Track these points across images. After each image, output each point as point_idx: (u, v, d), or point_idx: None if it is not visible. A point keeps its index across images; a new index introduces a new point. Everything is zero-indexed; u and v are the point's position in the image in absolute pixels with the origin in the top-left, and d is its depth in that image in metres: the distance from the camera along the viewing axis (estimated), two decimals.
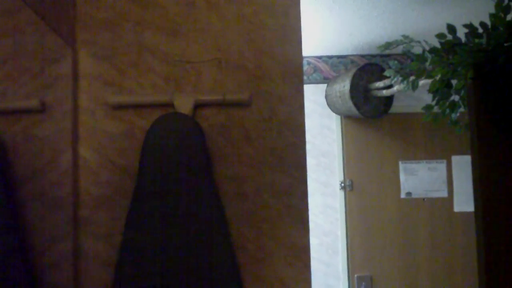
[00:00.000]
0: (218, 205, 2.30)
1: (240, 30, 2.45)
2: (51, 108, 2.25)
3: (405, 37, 3.41)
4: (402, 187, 4.75)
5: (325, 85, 4.70)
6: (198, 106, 2.39)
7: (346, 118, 4.69)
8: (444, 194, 4.77)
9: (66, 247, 2.27)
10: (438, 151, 4.78)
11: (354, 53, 4.82)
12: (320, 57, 4.82)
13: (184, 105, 2.35)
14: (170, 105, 2.37)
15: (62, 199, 2.27)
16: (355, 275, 4.59)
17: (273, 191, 2.39)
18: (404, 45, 3.40)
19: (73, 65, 2.39)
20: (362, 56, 4.85)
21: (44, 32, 2.14)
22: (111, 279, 2.31)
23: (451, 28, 2.80)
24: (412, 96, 4.70)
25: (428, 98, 3.69)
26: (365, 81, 4.36)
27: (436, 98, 3.19)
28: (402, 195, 4.75)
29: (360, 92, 4.34)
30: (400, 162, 4.75)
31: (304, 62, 4.80)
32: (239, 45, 2.44)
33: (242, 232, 2.38)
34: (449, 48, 2.83)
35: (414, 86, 3.52)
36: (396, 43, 3.42)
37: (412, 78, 3.51)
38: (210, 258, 2.27)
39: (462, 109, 3.21)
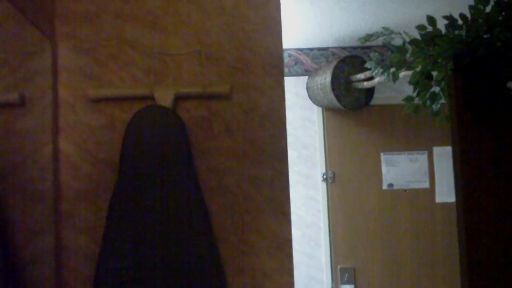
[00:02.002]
0: (199, 197, 2.30)
1: (220, 22, 2.44)
2: (31, 101, 2.24)
3: (386, 29, 3.42)
4: (384, 178, 4.77)
5: (307, 77, 4.70)
6: (178, 98, 2.38)
7: (328, 110, 4.70)
8: (426, 185, 4.79)
9: (47, 241, 2.27)
10: (420, 142, 4.79)
11: (335, 45, 4.82)
12: (301, 50, 4.82)
13: (164, 97, 2.34)
14: (151, 97, 2.36)
15: (42, 193, 2.26)
16: (338, 267, 4.60)
17: (254, 183, 2.39)
18: (385, 37, 3.41)
19: (53, 59, 2.37)
20: (343, 48, 4.85)
21: (22, 25, 2.13)
22: (93, 272, 2.31)
23: (431, 20, 2.81)
24: (393, 88, 4.71)
25: (408, 90, 3.71)
26: (346, 73, 4.37)
27: (417, 90, 3.20)
28: (384, 187, 4.77)
29: (341, 84, 4.34)
30: (381, 154, 4.76)
31: (285, 54, 4.80)
32: (219, 37, 2.44)
33: (223, 224, 2.38)
34: (429, 39, 2.83)
35: (395, 77, 3.52)
36: (377, 35, 3.42)
37: (392, 69, 3.52)
38: (192, 250, 2.27)
39: (442, 101, 3.21)
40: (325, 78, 4.37)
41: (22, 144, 2.18)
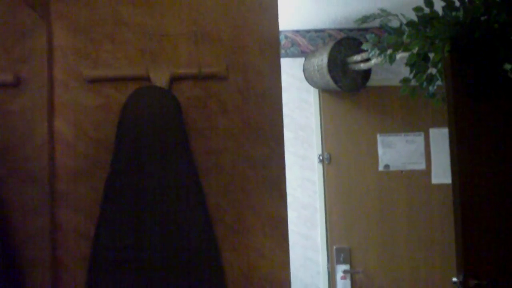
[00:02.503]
0: (195, 177, 2.30)
1: (216, 2, 2.44)
2: (26, 82, 2.24)
3: (383, 10, 3.41)
4: (380, 160, 4.76)
5: (303, 59, 4.69)
6: (174, 79, 2.38)
7: (324, 91, 4.68)
8: (422, 166, 4.79)
9: (42, 220, 2.27)
10: (416, 124, 4.78)
11: (332, 27, 4.80)
12: (297, 31, 4.79)
13: (160, 78, 2.34)
14: (146, 78, 2.36)
15: (38, 173, 2.27)
16: (334, 247, 4.60)
17: (250, 163, 2.39)
18: (382, 18, 3.40)
19: (48, 39, 2.36)
20: (340, 30, 4.82)
21: (17, 5, 2.12)
22: (88, 252, 2.31)
23: (429, 2, 2.81)
24: (389, 70, 4.69)
25: (405, 72, 3.69)
26: (343, 55, 4.35)
27: (413, 71, 3.20)
28: (380, 168, 4.76)
29: (338, 66, 4.33)
30: (378, 135, 4.75)
31: (282, 36, 4.78)
32: (216, 17, 2.43)
33: (219, 204, 2.38)
34: (426, 21, 2.83)
35: (392, 59, 3.52)
36: (374, 16, 3.41)
37: (389, 51, 3.51)
38: (188, 230, 2.27)
39: (439, 82, 3.21)
40: (321, 59, 4.36)
41: (17, 124, 2.18)
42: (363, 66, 4.24)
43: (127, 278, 2.25)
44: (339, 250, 4.64)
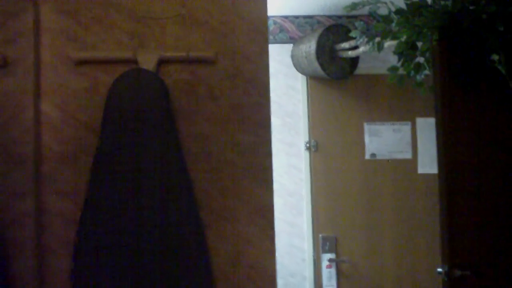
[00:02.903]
0: (181, 162, 2.30)
1: None
2: (13, 63, 2.22)
3: None
4: (366, 148, 4.77)
5: (291, 45, 4.68)
6: (162, 62, 2.37)
7: (312, 78, 4.68)
8: (408, 155, 4.80)
9: (28, 203, 2.26)
10: (403, 113, 4.78)
11: (321, 13, 4.79)
12: (286, 17, 4.78)
13: (147, 61, 2.33)
14: (134, 61, 2.35)
15: (24, 155, 2.26)
16: (320, 235, 4.61)
17: (237, 149, 2.39)
18: (371, 6, 3.40)
19: (35, 20, 2.35)
20: (329, 16, 4.82)
21: None
22: (74, 236, 2.30)
23: None
24: (377, 58, 4.69)
25: (393, 60, 3.70)
26: (331, 42, 4.35)
27: (401, 60, 3.20)
28: (367, 156, 4.77)
29: (326, 53, 4.32)
30: (365, 124, 4.76)
31: (270, 21, 4.77)
32: (204, 1, 2.42)
33: (205, 190, 2.38)
34: (415, 9, 2.83)
35: (380, 47, 3.52)
36: (363, 3, 3.41)
37: (377, 39, 3.51)
38: (173, 216, 2.27)
39: (427, 71, 3.21)
40: (310, 46, 4.36)
41: (4, 105, 2.17)
42: (351, 53, 4.24)
43: (112, 262, 2.25)
44: (325, 239, 4.65)
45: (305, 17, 4.85)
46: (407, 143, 4.85)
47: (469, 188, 2.61)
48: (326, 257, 4.63)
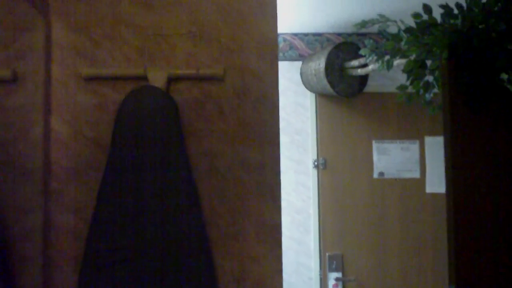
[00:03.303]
0: (189, 180, 2.30)
1: (214, 3, 2.43)
2: (23, 78, 2.23)
3: (381, 16, 3.41)
4: (375, 166, 4.76)
5: (300, 62, 4.69)
6: (171, 79, 2.37)
7: (321, 96, 4.68)
8: (416, 174, 4.79)
9: (36, 219, 2.26)
10: (411, 131, 4.78)
11: (330, 31, 4.80)
12: (296, 34, 4.79)
13: (157, 78, 2.33)
14: (144, 78, 2.35)
15: (32, 171, 2.26)
16: (327, 254, 4.60)
17: (245, 167, 2.39)
18: (380, 24, 3.40)
19: (46, 36, 2.36)
20: (338, 34, 4.83)
21: (16, 1, 2.12)
22: (81, 252, 2.30)
23: (427, 8, 2.81)
24: (386, 76, 4.70)
25: (402, 78, 3.69)
26: (341, 60, 4.35)
27: (410, 78, 3.20)
28: (375, 175, 4.76)
29: (335, 71, 4.33)
30: (373, 142, 4.75)
31: (280, 39, 4.78)
32: (214, 19, 2.43)
33: (213, 207, 2.37)
34: (424, 28, 2.83)
35: (389, 65, 3.52)
36: (372, 22, 3.42)
37: (387, 57, 3.51)
38: (181, 233, 2.27)
39: (436, 90, 3.21)
40: (319, 63, 4.36)
41: (13, 121, 2.17)
42: (360, 71, 4.24)
43: (119, 279, 2.24)
44: (332, 257, 4.64)
45: (314, 34, 4.86)
46: (416, 162, 4.84)
47: (477, 208, 2.60)
48: (333, 276, 4.62)
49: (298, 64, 4.75)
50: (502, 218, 2.60)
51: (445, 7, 2.71)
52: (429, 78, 3.17)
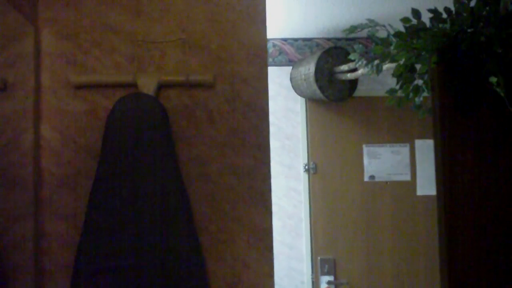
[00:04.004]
0: (180, 186, 2.30)
1: (204, 10, 2.44)
2: (13, 86, 2.23)
3: (370, 21, 3.41)
4: (365, 170, 4.77)
5: (290, 67, 4.69)
6: (161, 86, 2.38)
7: (311, 101, 4.69)
8: (407, 177, 4.80)
9: (27, 227, 2.26)
10: (402, 135, 4.79)
11: (320, 36, 4.80)
12: (285, 40, 4.80)
13: (147, 85, 2.34)
14: (134, 85, 2.35)
15: (23, 179, 2.26)
16: (319, 258, 4.60)
17: (235, 172, 2.39)
18: (369, 29, 3.40)
19: (35, 44, 2.36)
20: (328, 39, 4.84)
21: (4, 9, 2.11)
22: (73, 259, 2.30)
23: (416, 13, 2.81)
24: (376, 80, 4.70)
25: (392, 82, 3.69)
26: (330, 64, 4.36)
27: (400, 82, 3.20)
28: (366, 178, 4.77)
29: (325, 75, 4.34)
30: (364, 146, 4.76)
31: (270, 44, 4.79)
32: (203, 25, 2.43)
33: (204, 213, 2.38)
34: (413, 32, 2.84)
35: (378, 70, 3.53)
36: (361, 26, 3.42)
37: (376, 62, 3.52)
38: (172, 239, 2.27)
39: (425, 94, 3.21)
40: (309, 68, 4.37)
41: (3, 129, 2.17)
42: (350, 76, 4.25)
43: (111, 286, 2.24)
44: (324, 261, 4.64)
45: (304, 39, 4.87)
46: (406, 165, 4.85)
47: (469, 210, 2.61)
48: (325, 279, 4.63)
49: (288, 69, 4.76)
50: (494, 220, 2.61)
51: (434, 11, 2.72)
52: (419, 82, 3.18)
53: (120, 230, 2.25)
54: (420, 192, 4.82)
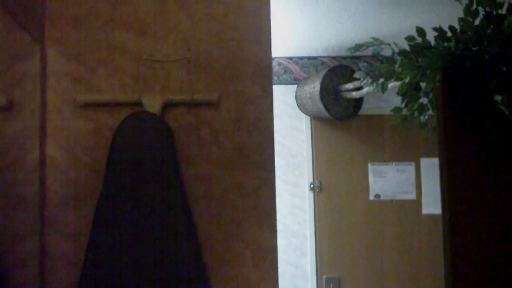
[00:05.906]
0: (185, 205, 2.29)
1: (209, 29, 2.44)
2: (19, 105, 2.23)
3: (375, 39, 3.42)
4: (371, 188, 4.77)
5: (295, 86, 4.71)
6: (166, 105, 2.38)
7: (316, 119, 4.70)
8: (413, 196, 4.80)
9: (32, 246, 2.25)
10: (407, 153, 4.79)
11: (325, 54, 4.83)
12: (290, 58, 4.82)
13: (152, 104, 2.34)
14: (139, 104, 2.36)
15: (28, 198, 2.25)
16: (323, 277, 4.59)
17: (240, 191, 2.39)
18: (374, 47, 3.41)
19: (42, 63, 2.36)
20: (333, 57, 4.85)
21: (12, 28, 2.12)
22: (77, 278, 2.29)
23: (421, 31, 2.82)
24: (381, 98, 4.72)
25: (397, 100, 3.69)
26: (335, 83, 4.37)
27: (405, 101, 3.20)
28: (371, 197, 4.77)
29: (330, 94, 4.35)
30: (369, 164, 4.77)
31: (275, 62, 4.80)
32: (209, 45, 2.44)
33: (209, 232, 2.37)
34: (418, 51, 2.84)
35: (383, 88, 3.53)
36: (366, 45, 3.42)
37: (381, 80, 3.52)
38: (177, 258, 2.26)
39: (430, 112, 3.21)
40: (314, 87, 4.38)
41: (9, 148, 2.17)
42: (355, 94, 4.26)
43: None
44: (329, 280, 4.63)
45: (309, 58, 4.89)
46: (411, 183, 4.85)
47: (474, 230, 2.60)
48: None
49: (293, 87, 4.77)
50: (500, 239, 2.60)
51: (438, 29, 2.72)
52: (424, 100, 3.18)
53: (123, 250, 2.25)
54: (425, 211, 4.82)
